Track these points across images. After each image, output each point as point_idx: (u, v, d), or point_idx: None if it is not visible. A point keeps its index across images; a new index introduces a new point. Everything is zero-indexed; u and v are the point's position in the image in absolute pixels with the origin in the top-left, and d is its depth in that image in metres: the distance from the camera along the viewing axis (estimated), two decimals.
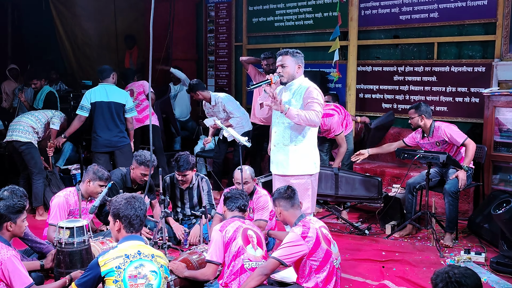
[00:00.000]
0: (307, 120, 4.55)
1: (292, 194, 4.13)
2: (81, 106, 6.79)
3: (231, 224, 4.16)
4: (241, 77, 9.63)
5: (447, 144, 5.87)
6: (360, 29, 7.79)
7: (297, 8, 8.71)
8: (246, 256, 4.03)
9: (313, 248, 3.82)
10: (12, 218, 3.87)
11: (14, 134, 6.58)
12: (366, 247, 5.64)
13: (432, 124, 5.92)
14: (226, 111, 7.43)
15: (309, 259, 3.84)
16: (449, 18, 7.11)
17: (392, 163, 7.52)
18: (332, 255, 3.90)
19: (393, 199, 6.14)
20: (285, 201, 4.10)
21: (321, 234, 3.92)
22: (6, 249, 3.70)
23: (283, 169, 4.82)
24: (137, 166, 5.62)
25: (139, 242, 3.36)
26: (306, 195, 4.79)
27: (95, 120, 6.81)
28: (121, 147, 6.83)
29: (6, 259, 3.63)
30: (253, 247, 4.12)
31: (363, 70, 7.96)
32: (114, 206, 3.40)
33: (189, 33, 10.25)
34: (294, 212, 4.09)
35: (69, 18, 11.62)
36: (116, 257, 3.20)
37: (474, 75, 6.92)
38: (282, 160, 4.82)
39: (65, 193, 5.11)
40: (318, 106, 4.63)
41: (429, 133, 5.93)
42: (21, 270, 3.68)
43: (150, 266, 3.25)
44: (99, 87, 6.89)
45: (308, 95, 4.66)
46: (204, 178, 5.90)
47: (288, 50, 4.78)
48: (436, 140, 5.90)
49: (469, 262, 5.12)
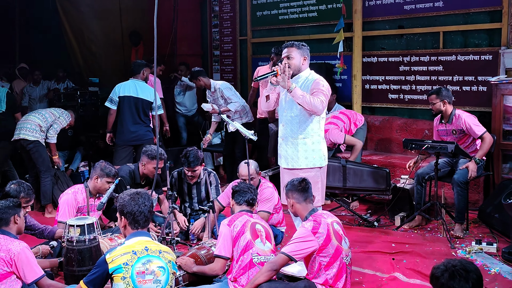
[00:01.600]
0: (310, 104, 4.56)
1: (306, 187, 4.09)
2: (110, 98, 6.96)
3: (239, 218, 4.14)
4: (247, 71, 9.61)
5: (464, 134, 5.81)
6: (364, 20, 7.75)
7: (301, 1, 8.67)
8: (254, 251, 4.01)
9: (323, 244, 3.78)
10: (17, 211, 3.96)
11: (22, 132, 6.62)
12: (376, 239, 5.62)
13: (452, 111, 5.85)
14: (224, 97, 7.57)
15: (319, 255, 3.79)
16: (454, 7, 7.05)
17: (400, 154, 7.49)
18: (342, 252, 3.85)
19: (402, 190, 6.12)
20: (299, 194, 4.06)
21: (333, 229, 3.87)
22: (18, 242, 3.78)
23: (293, 163, 4.82)
24: (149, 161, 5.64)
25: (146, 238, 3.36)
26: (316, 188, 4.79)
27: (122, 114, 6.93)
28: (146, 141, 6.92)
29: (19, 251, 3.70)
30: (261, 241, 4.09)
31: (368, 61, 7.92)
32: (119, 203, 3.41)
33: (193, 29, 10.24)
34: (306, 206, 4.05)
35: (75, 16, 11.64)
36: (123, 254, 3.21)
37: (481, 64, 6.86)
38: (291, 154, 4.82)
39: (73, 190, 5.13)
40: (323, 96, 4.64)
41: (448, 119, 5.87)
42: (33, 262, 3.75)
43: (157, 262, 3.25)
44: (129, 82, 7.02)
45: (316, 85, 4.69)
46: (212, 173, 5.91)
47: (293, 43, 4.82)
48: (454, 128, 5.84)
49: (481, 252, 5.08)
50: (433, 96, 5.88)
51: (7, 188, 4.54)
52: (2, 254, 3.67)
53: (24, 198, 4.49)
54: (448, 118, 5.87)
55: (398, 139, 7.42)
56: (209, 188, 5.74)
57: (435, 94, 5.87)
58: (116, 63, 11.20)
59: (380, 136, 7.80)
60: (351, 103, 7.92)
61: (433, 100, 5.88)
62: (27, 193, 4.55)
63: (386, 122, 7.76)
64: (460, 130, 5.79)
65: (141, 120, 6.97)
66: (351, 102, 7.92)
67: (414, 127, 7.42)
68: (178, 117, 9.23)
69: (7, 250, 3.69)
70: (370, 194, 6.57)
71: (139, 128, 6.92)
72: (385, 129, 7.75)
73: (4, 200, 4.04)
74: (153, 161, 5.60)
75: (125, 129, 6.93)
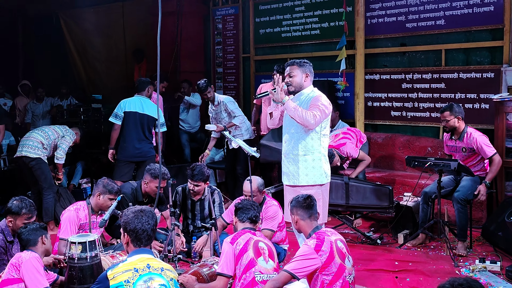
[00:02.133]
0: (302, 118, 4.55)
1: (311, 204, 4.07)
2: (114, 114, 6.93)
3: (242, 236, 4.11)
4: (249, 88, 9.64)
5: (473, 152, 5.77)
6: (366, 38, 7.78)
7: (303, 19, 8.73)
8: (257, 269, 3.97)
9: (326, 262, 3.74)
10: (44, 233, 4.22)
11: (24, 149, 6.61)
12: (379, 257, 5.59)
13: (464, 128, 5.81)
14: (228, 111, 7.54)
15: (321, 273, 3.76)
16: (456, 25, 7.09)
17: (403, 171, 7.47)
18: (345, 270, 3.81)
19: (405, 208, 6.09)
20: (303, 211, 4.04)
21: (336, 247, 3.83)
22: (30, 252, 3.96)
23: (294, 180, 4.80)
24: (152, 179, 5.64)
25: (148, 256, 3.33)
26: (317, 206, 4.75)
27: (126, 129, 6.91)
28: (149, 158, 6.92)
29: (27, 259, 3.86)
30: (264, 259, 4.06)
31: (371, 79, 7.94)
32: (123, 219, 3.40)
33: (197, 46, 10.30)
34: (310, 223, 4.03)
35: (79, 33, 11.75)
36: (125, 271, 3.18)
37: (483, 81, 6.88)
38: (292, 171, 4.80)
39: (76, 207, 5.11)
40: (319, 111, 4.61)
41: (459, 136, 5.82)
42: (39, 273, 3.85)
43: (159, 279, 3.23)
44: (134, 98, 7.01)
45: (314, 101, 4.68)
46: (216, 191, 5.90)
47: (295, 61, 4.85)
48: (464, 145, 5.79)
49: (485, 271, 5.04)
50: (447, 113, 5.79)
51: (9, 204, 4.54)
52: (14, 260, 3.89)
53: (26, 214, 4.48)
54: (459, 135, 5.82)
55: (401, 157, 7.41)
56: (211, 205, 5.73)
57: (449, 111, 5.78)
58: (119, 80, 11.26)
59: (383, 153, 7.79)
60: (354, 120, 7.92)
61: (446, 117, 5.80)
62: (29, 209, 4.54)
63: (389, 139, 7.75)
64: (470, 148, 5.76)
65: (146, 136, 6.97)
66: (354, 120, 7.92)
67: (417, 144, 7.42)
68: (182, 134, 9.25)
69: (18, 257, 3.89)
70: (373, 212, 6.54)
71: (144, 144, 6.91)
72: (387, 146, 7.75)
73: (31, 223, 4.31)
74: (155, 180, 5.61)
75: (129, 145, 6.91)
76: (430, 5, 7.27)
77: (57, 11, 11.89)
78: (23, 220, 4.42)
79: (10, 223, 4.47)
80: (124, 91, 11.20)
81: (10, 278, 3.81)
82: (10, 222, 4.47)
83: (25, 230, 4.19)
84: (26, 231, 4.19)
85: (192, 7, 10.02)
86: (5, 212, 4.54)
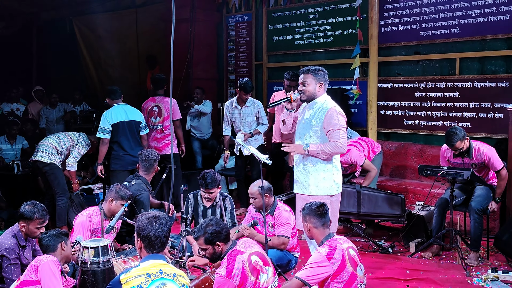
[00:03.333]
0: (331, 154, 4.60)
1: (324, 212, 4.05)
2: (101, 129, 6.84)
3: (236, 264, 3.84)
4: (262, 95, 9.64)
5: (483, 166, 5.72)
6: (380, 46, 7.78)
7: (317, 26, 8.73)
8: (262, 286, 3.89)
9: (338, 270, 3.73)
10: (64, 239, 4.29)
11: (39, 154, 6.66)
12: (390, 265, 5.56)
13: (470, 145, 5.69)
14: (258, 115, 7.48)
15: (333, 281, 3.75)
16: (470, 34, 7.06)
17: (415, 180, 7.43)
18: (357, 278, 3.80)
19: (417, 217, 6.06)
20: (316, 218, 4.02)
21: (348, 255, 3.82)
22: (48, 256, 4.01)
23: (304, 189, 4.79)
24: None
25: (161, 261, 3.33)
26: None
27: (118, 141, 6.90)
28: None
29: (45, 262, 3.90)
30: (263, 272, 3.94)
31: (384, 87, 7.92)
32: (137, 225, 3.42)
33: (209, 53, 10.34)
34: (323, 231, 4.01)
35: (92, 40, 11.84)
36: (137, 276, 3.19)
37: (497, 91, 6.84)
38: (302, 180, 4.79)
39: (88, 213, 5.15)
40: (339, 132, 4.57)
41: (468, 154, 5.68)
42: (55, 276, 3.88)
43: (171, 285, 3.22)
44: (116, 108, 6.99)
45: (330, 120, 4.58)
46: (227, 197, 5.90)
47: (310, 68, 4.75)
48: (474, 162, 5.69)
49: (497, 281, 5.00)
50: (458, 142, 5.55)
51: (21, 209, 4.56)
52: (33, 262, 3.95)
53: (38, 219, 4.49)
54: (467, 153, 5.69)
55: (413, 165, 7.37)
56: (223, 212, 5.73)
57: (459, 140, 5.54)
58: (132, 86, 11.32)
59: (395, 162, 7.76)
60: (366, 128, 7.90)
61: (459, 146, 5.58)
62: (41, 214, 4.55)
63: (402, 148, 7.72)
64: (481, 163, 5.69)
65: (138, 142, 7.02)
66: (366, 128, 7.90)
67: (430, 153, 7.38)
68: (193, 141, 9.24)
69: (38, 259, 3.94)
70: (384, 220, 6.51)
71: (137, 150, 6.79)
72: (400, 155, 7.72)
73: (52, 230, 4.37)
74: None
75: (123, 154, 6.90)
76: (445, 13, 7.25)
77: (71, 17, 12.02)
78: (35, 225, 4.44)
79: (23, 228, 4.49)
80: (137, 97, 11.29)
81: (28, 279, 3.86)
82: (23, 227, 4.49)
83: (46, 236, 4.26)
84: (46, 236, 4.26)
85: (205, 14, 10.07)
86: (18, 217, 4.56)
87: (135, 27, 10.92)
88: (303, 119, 4.79)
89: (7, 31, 12.21)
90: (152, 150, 6.35)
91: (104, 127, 6.84)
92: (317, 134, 4.65)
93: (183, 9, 9.52)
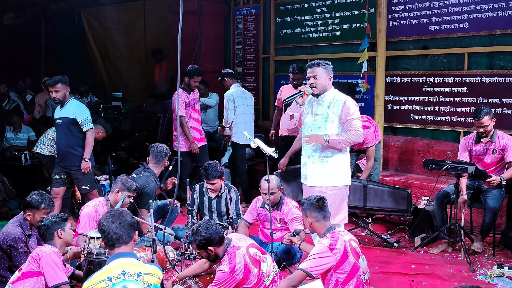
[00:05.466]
0: (351, 142, 4.67)
1: (323, 205, 4.04)
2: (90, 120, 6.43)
3: (237, 259, 3.94)
4: (269, 88, 9.64)
5: (500, 155, 5.71)
6: (388, 40, 7.74)
7: (324, 20, 8.70)
8: (264, 275, 4.00)
9: (340, 260, 3.75)
10: (61, 226, 4.19)
11: (38, 146, 6.72)
12: (395, 260, 5.55)
13: (494, 129, 5.73)
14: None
15: (335, 272, 3.76)
16: (479, 28, 7.02)
17: (422, 175, 7.42)
18: (360, 269, 3.81)
19: (423, 212, 6.04)
20: (317, 212, 4.01)
21: (350, 246, 3.83)
22: (50, 246, 4.02)
23: (320, 181, 4.79)
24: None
25: (127, 260, 3.20)
26: (343, 206, 4.83)
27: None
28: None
29: (46, 253, 3.91)
30: (263, 261, 4.07)
31: (391, 81, 7.89)
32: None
33: (217, 46, 10.32)
34: (325, 223, 4.01)
35: (100, 32, 11.87)
36: (98, 282, 3.08)
37: (506, 86, 6.80)
38: (319, 172, 4.79)
39: (95, 203, 5.17)
40: (357, 122, 4.68)
41: (492, 138, 5.70)
42: (58, 267, 3.90)
43: (134, 286, 3.10)
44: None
45: (347, 111, 4.68)
46: (232, 188, 5.92)
47: (319, 62, 4.76)
48: (496, 147, 5.70)
49: (502, 277, 4.98)
50: (486, 117, 5.54)
51: (28, 198, 4.60)
52: (34, 254, 3.96)
53: (45, 209, 4.55)
54: (491, 136, 5.71)
55: (420, 160, 7.35)
56: (228, 203, 5.74)
57: (488, 116, 5.53)
58: (139, 79, 11.34)
59: (402, 156, 7.74)
60: None
61: (485, 122, 5.56)
62: (48, 204, 4.60)
63: (408, 143, 7.70)
64: (501, 150, 5.68)
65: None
66: None
67: (437, 148, 7.36)
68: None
69: (39, 251, 3.95)
70: (390, 215, 6.50)
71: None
72: (407, 149, 7.70)
73: (51, 216, 4.29)
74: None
75: None
76: (454, 8, 7.21)
77: (79, 9, 12.04)
78: (41, 215, 4.48)
79: (28, 216, 4.53)
80: (145, 89, 11.32)
81: (30, 271, 3.88)
82: (28, 216, 4.53)
83: (42, 225, 4.19)
84: (42, 226, 4.18)
85: (213, 6, 10.05)
86: (24, 206, 4.60)
87: (143, 20, 10.93)
88: (313, 113, 4.79)
89: (16, 22, 12.26)
90: (164, 144, 6.25)
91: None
92: (334, 125, 4.71)
93: (190, 1, 9.51)
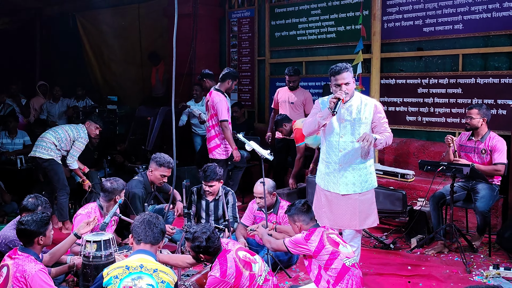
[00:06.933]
0: (387, 144, 4.73)
1: (309, 207, 4.32)
2: None
3: (228, 263, 3.93)
4: (264, 91, 9.64)
5: (489, 156, 5.76)
6: (383, 42, 7.76)
7: (319, 22, 8.71)
8: (257, 276, 4.00)
9: (317, 249, 4.04)
10: (42, 232, 3.95)
11: (37, 150, 6.66)
12: (391, 261, 5.56)
13: (487, 132, 5.83)
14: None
15: (315, 259, 4.07)
16: (474, 30, 7.03)
17: (417, 176, 7.42)
18: (339, 255, 4.03)
19: (419, 213, 6.06)
20: (305, 216, 4.27)
21: (327, 237, 4.11)
22: (34, 263, 3.79)
23: (354, 188, 4.77)
24: (157, 167, 5.76)
25: (147, 257, 3.41)
26: (372, 209, 4.87)
27: None
28: None
29: (33, 273, 3.71)
30: (254, 262, 4.05)
31: (386, 83, 7.91)
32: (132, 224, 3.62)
33: (212, 48, 10.32)
34: (312, 224, 4.28)
35: (95, 35, 11.85)
36: (117, 267, 3.28)
37: (500, 87, 6.82)
38: (352, 179, 4.77)
39: (87, 211, 5.18)
40: (386, 123, 4.79)
41: (482, 138, 5.79)
42: (48, 285, 3.74)
43: (148, 279, 3.24)
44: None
45: (379, 114, 4.75)
46: (230, 191, 5.93)
47: (347, 66, 4.63)
48: (485, 147, 5.77)
49: (498, 277, 5.00)
50: (475, 110, 5.78)
51: (24, 202, 4.60)
52: (18, 274, 3.71)
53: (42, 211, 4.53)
54: (482, 136, 5.80)
55: (415, 162, 7.33)
56: (225, 206, 5.75)
57: (477, 109, 5.77)
58: (135, 82, 11.33)
59: (397, 158, 7.75)
60: None
61: (473, 114, 5.78)
62: (44, 206, 4.60)
63: (404, 144, 7.71)
64: (490, 151, 5.75)
65: None
66: None
67: (432, 150, 7.37)
68: (195, 137, 9.22)
69: (23, 271, 3.72)
70: (386, 216, 6.51)
71: None
72: (402, 151, 7.70)
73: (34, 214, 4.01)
74: (160, 168, 5.78)
75: None
76: (448, 9, 7.22)
77: (74, 12, 12.03)
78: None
79: None
80: (140, 92, 11.31)
81: None
82: None
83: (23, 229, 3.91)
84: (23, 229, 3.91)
85: (207, 9, 10.05)
86: (21, 209, 4.58)
87: (138, 23, 10.92)
88: (341, 117, 4.70)
89: (11, 26, 12.24)
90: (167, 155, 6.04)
91: None
92: (366, 129, 4.71)
93: (185, 4, 9.52)
